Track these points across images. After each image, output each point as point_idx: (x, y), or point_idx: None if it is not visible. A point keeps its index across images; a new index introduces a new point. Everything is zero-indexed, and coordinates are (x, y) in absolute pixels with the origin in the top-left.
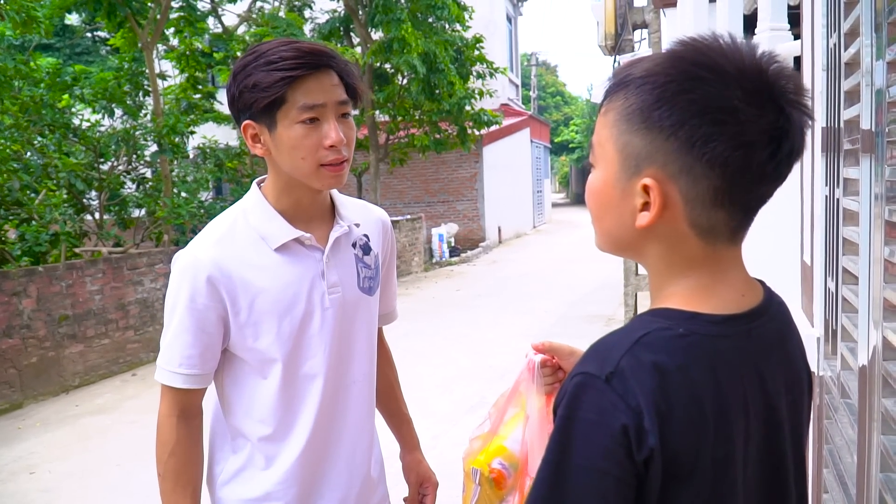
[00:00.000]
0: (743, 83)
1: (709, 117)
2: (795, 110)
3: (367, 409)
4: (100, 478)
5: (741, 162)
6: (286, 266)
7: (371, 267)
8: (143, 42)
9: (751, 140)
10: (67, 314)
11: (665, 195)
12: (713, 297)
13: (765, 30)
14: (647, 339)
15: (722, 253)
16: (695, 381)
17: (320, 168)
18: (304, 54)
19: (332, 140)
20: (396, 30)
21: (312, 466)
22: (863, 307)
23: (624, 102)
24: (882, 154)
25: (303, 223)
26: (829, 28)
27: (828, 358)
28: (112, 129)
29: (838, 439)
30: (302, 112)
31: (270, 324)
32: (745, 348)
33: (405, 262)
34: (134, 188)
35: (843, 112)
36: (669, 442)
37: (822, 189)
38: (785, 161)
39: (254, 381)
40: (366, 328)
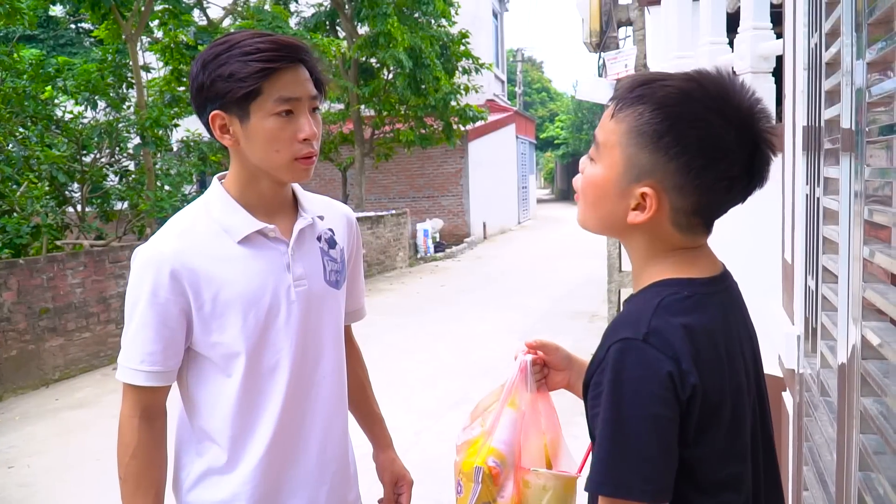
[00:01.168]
0: (738, 125)
1: (707, 153)
2: (767, 148)
3: (337, 406)
4: (79, 472)
5: (724, 189)
6: (250, 258)
7: (337, 261)
8: (126, 34)
9: (735, 175)
10: (48, 307)
11: (658, 203)
12: (695, 266)
13: (747, 28)
14: (664, 302)
15: (696, 240)
16: (710, 330)
17: (294, 161)
18: (282, 47)
19: (306, 133)
20: (382, 24)
21: (280, 464)
22: (842, 306)
23: (638, 119)
24: (861, 153)
25: (266, 216)
26: (810, 28)
27: (808, 356)
28: (95, 121)
29: (818, 437)
30: (278, 104)
31: (235, 316)
32: (729, 300)
33: (390, 257)
34: (116, 181)
35: (824, 111)
36: (704, 379)
37: (803, 188)
38: (754, 189)
39: (218, 379)
40: (333, 323)
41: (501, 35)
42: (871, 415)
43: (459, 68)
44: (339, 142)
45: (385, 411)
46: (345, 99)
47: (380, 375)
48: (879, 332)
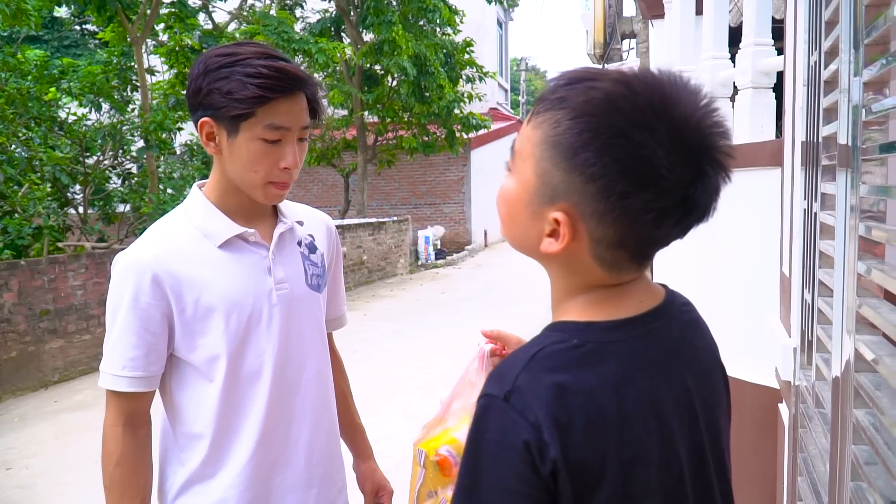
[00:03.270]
0: (674, 144)
1: (629, 177)
2: (715, 172)
3: (323, 410)
4: (78, 474)
5: (652, 222)
6: (231, 262)
7: (318, 265)
8: (132, 37)
9: (665, 206)
10: (49, 309)
11: (574, 230)
12: (608, 306)
13: (749, 44)
14: (541, 353)
15: (622, 276)
16: (593, 389)
17: (269, 184)
18: (284, 77)
19: (288, 163)
20: (387, 32)
21: (268, 469)
22: (836, 319)
23: (555, 128)
24: (857, 169)
25: (246, 221)
26: (810, 45)
27: (803, 368)
28: (99, 123)
29: (812, 448)
30: (267, 131)
31: (218, 320)
32: (644, 348)
33: (391, 263)
34: (119, 183)
35: (822, 128)
36: (573, 452)
37: (801, 203)
38: (693, 223)
39: (200, 384)
40: (316, 326)
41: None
42: (863, 426)
43: (463, 76)
44: (342, 147)
45: (384, 418)
46: (348, 105)
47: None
48: (872, 346)
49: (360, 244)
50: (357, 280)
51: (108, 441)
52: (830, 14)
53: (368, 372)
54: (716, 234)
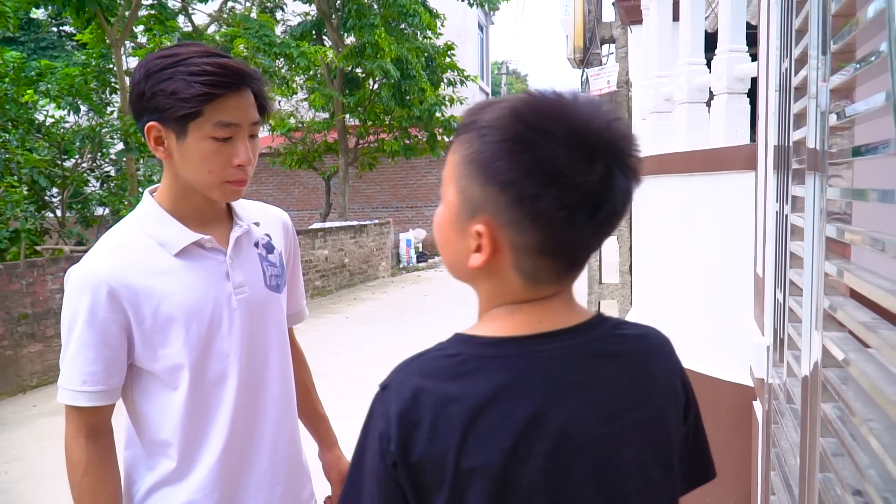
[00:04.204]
0: (573, 147)
1: (536, 179)
2: (622, 173)
3: (285, 408)
4: (57, 479)
5: (564, 221)
6: (189, 271)
7: (276, 265)
8: (111, 39)
9: (573, 202)
10: (27, 312)
11: (495, 241)
12: (509, 322)
13: (724, 50)
14: (422, 358)
15: (543, 290)
16: (448, 397)
17: (225, 183)
18: (229, 73)
19: (241, 160)
20: (369, 35)
21: (233, 470)
22: (806, 317)
23: (468, 148)
24: (825, 173)
25: (201, 227)
26: (781, 52)
27: (776, 366)
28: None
29: (784, 443)
30: (216, 129)
31: (178, 330)
32: (527, 368)
33: (372, 266)
34: (98, 186)
35: (793, 133)
36: (414, 452)
37: (774, 205)
38: (605, 222)
39: (165, 393)
40: (277, 326)
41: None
42: (831, 419)
43: (444, 80)
44: (324, 150)
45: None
46: (330, 108)
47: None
48: (839, 342)
49: (342, 247)
50: (339, 283)
51: (73, 453)
52: (800, 22)
53: (351, 374)
54: (694, 236)
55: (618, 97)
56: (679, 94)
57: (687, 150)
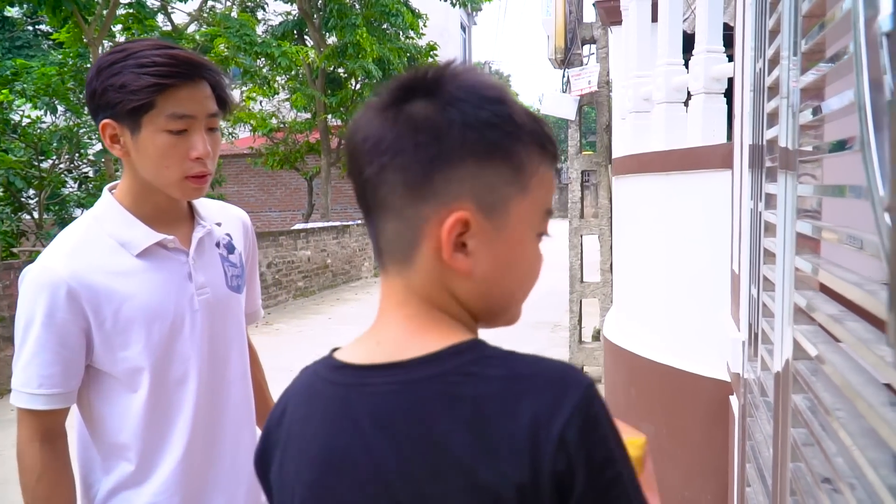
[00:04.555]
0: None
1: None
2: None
3: (246, 408)
4: None
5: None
6: (150, 271)
7: (237, 265)
8: (88, 38)
9: (357, 192)
10: (4, 315)
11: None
12: (350, 347)
13: (701, 51)
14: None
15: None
16: (281, 414)
17: (184, 179)
18: (179, 63)
19: (199, 152)
20: (351, 35)
21: (195, 471)
22: (778, 312)
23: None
24: (796, 171)
25: (163, 226)
26: (756, 53)
27: (751, 360)
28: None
29: (758, 435)
30: (170, 121)
31: (139, 331)
32: (314, 396)
33: (355, 266)
34: (76, 187)
35: (766, 132)
36: (267, 468)
37: (749, 203)
38: (371, 219)
39: (124, 395)
40: (237, 327)
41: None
42: (801, 410)
43: None
44: (306, 151)
45: None
46: (312, 108)
47: None
48: (809, 336)
49: (325, 248)
50: (321, 284)
51: (26, 458)
52: (773, 23)
53: None
54: (672, 234)
55: (599, 97)
56: (658, 94)
57: (665, 150)
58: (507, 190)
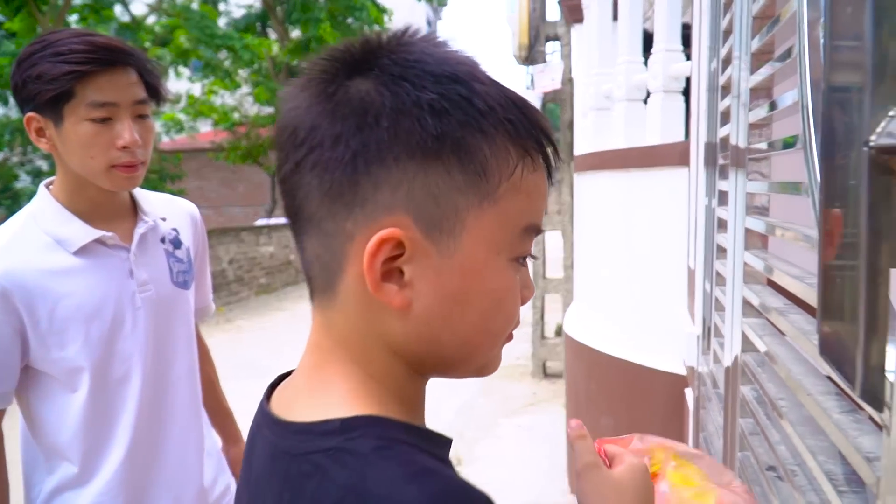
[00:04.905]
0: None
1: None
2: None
3: (193, 407)
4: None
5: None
6: (89, 269)
7: (184, 261)
8: (43, 28)
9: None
10: None
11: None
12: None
13: (660, 50)
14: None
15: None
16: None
17: (111, 169)
18: (97, 49)
19: (124, 141)
20: (315, 29)
21: (139, 471)
22: (728, 306)
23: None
24: (746, 168)
25: (103, 223)
26: (711, 52)
27: (704, 353)
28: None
29: (710, 426)
30: (91, 109)
31: (77, 331)
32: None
33: None
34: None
35: (720, 130)
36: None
37: (704, 200)
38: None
39: (63, 395)
40: (185, 324)
41: None
42: (749, 400)
43: None
44: (269, 146)
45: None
46: (275, 102)
47: None
48: (756, 328)
49: (288, 244)
50: (285, 280)
51: None
52: (727, 24)
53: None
54: (632, 230)
55: (562, 95)
56: (618, 92)
57: (625, 147)
58: (460, 199)
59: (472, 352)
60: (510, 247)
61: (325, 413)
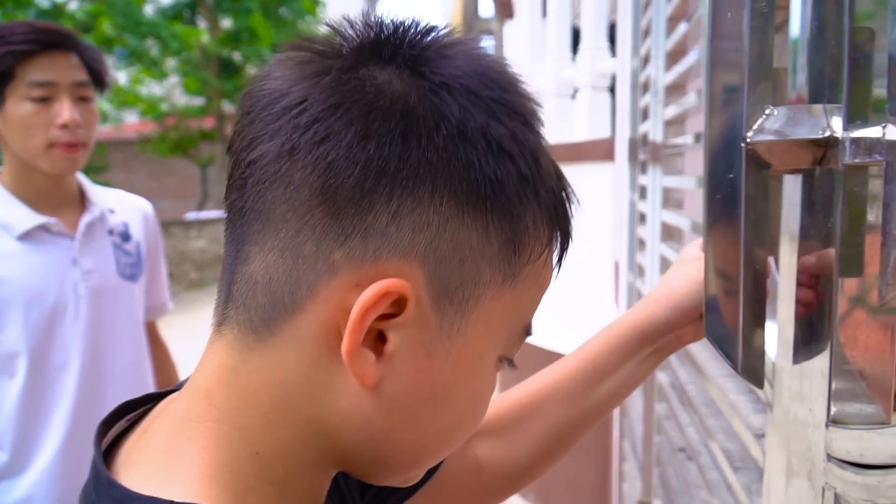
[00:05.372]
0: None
1: None
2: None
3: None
4: None
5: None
6: (32, 254)
7: (132, 254)
8: None
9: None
10: None
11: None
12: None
13: (587, 47)
14: None
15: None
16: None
17: (51, 148)
18: (38, 31)
19: (63, 119)
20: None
21: (77, 463)
22: None
23: None
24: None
25: (48, 210)
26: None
27: None
28: None
29: (633, 412)
30: (31, 89)
31: (15, 314)
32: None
33: None
34: None
35: (640, 126)
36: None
37: (627, 194)
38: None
39: (0, 382)
40: (130, 317)
41: None
42: (664, 386)
43: None
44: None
45: None
46: (206, 93)
47: None
48: None
49: (219, 238)
50: (216, 275)
51: None
52: (646, 23)
53: None
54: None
55: None
56: (547, 88)
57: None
58: (486, 270)
59: (420, 459)
60: (506, 343)
61: (159, 484)
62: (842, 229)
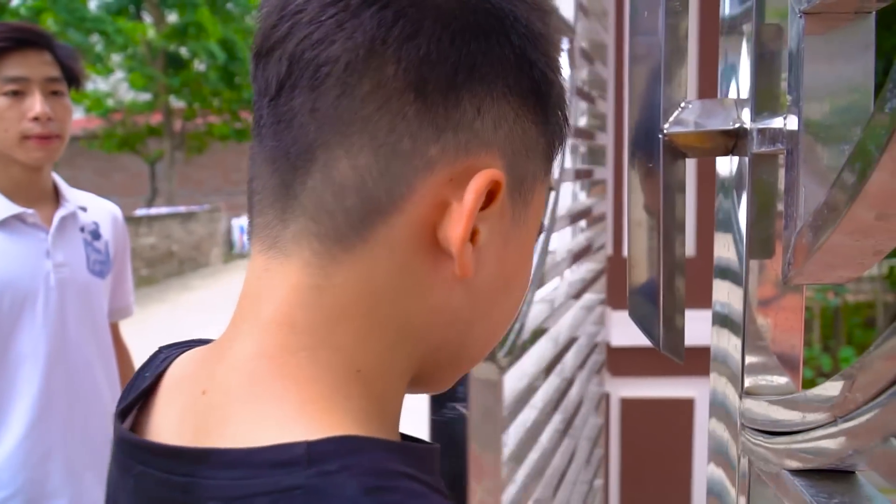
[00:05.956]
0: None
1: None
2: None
3: (100, 395)
4: None
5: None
6: (6, 242)
7: (101, 252)
8: None
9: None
10: None
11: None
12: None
13: None
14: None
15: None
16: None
17: (25, 140)
18: (12, 30)
19: (35, 112)
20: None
21: (43, 450)
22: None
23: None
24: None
25: (24, 202)
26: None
27: None
28: None
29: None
30: (5, 84)
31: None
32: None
33: (203, 253)
34: None
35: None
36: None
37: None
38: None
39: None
40: (97, 311)
41: None
42: None
43: None
44: (147, 134)
45: None
46: (153, 88)
47: None
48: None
49: (169, 234)
50: (167, 272)
51: None
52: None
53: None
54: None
55: None
56: None
57: None
58: (540, 164)
59: (483, 351)
60: (537, 235)
61: (274, 433)
62: (751, 213)
